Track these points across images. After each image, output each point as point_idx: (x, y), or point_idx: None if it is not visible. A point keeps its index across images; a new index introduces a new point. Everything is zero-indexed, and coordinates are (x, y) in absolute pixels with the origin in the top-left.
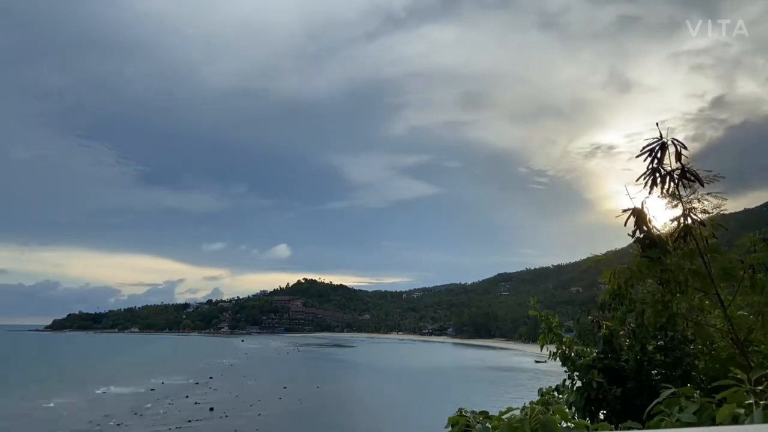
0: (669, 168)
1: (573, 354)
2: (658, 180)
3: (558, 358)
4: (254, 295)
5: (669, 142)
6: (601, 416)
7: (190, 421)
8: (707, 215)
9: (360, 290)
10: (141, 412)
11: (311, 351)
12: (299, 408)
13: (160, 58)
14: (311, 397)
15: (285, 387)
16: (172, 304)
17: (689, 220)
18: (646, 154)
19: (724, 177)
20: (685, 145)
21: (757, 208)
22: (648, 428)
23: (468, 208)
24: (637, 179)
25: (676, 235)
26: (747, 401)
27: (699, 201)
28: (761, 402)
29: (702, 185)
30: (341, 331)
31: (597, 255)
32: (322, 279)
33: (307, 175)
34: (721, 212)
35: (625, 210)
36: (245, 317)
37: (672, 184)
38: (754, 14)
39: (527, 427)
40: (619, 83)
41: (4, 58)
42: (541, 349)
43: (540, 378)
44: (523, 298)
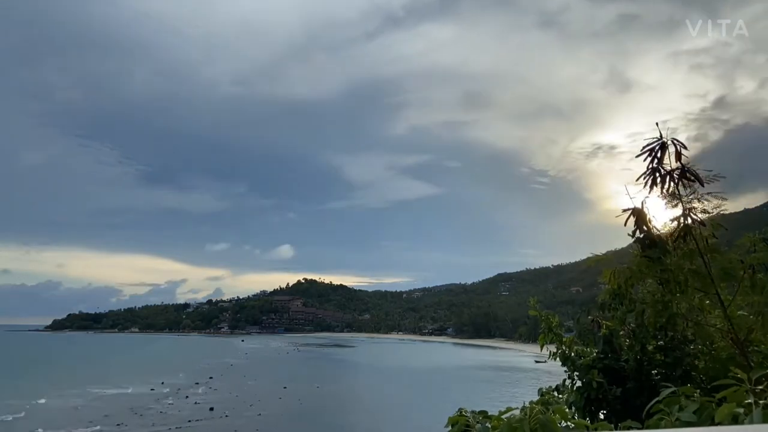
0: (669, 168)
1: (573, 354)
2: (658, 180)
3: (558, 358)
4: (254, 295)
5: (669, 142)
6: (601, 416)
7: (190, 421)
8: (707, 215)
9: (360, 290)
10: (141, 412)
11: (311, 351)
12: (299, 408)
13: (160, 58)
14: (311, 397)
15: (285, 387)
16: (172, 304)
17: (689, 220)
18: (646, 154)
19: (725, 177)
20: (686, 145)
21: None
22: (647, 428)
23: (468, 208)
24: (637, 179)
25: (676, 235)
26: (747, 401)
27: (699, 201)
28: (761, 402)
29: (702, 185)
30: (341, 331)
31: (597, 255)
32: (322, 279)
33: (308, 175)
34: (721, 212)
35: (625, 210)
36: (245, 317)
37: (672, 183)
38: (754, 14)
39: (527, 426)
40: (619, 82)
41: (6, 58)
42: (541, 349)
43: (540, 378)
44: (523, 298)
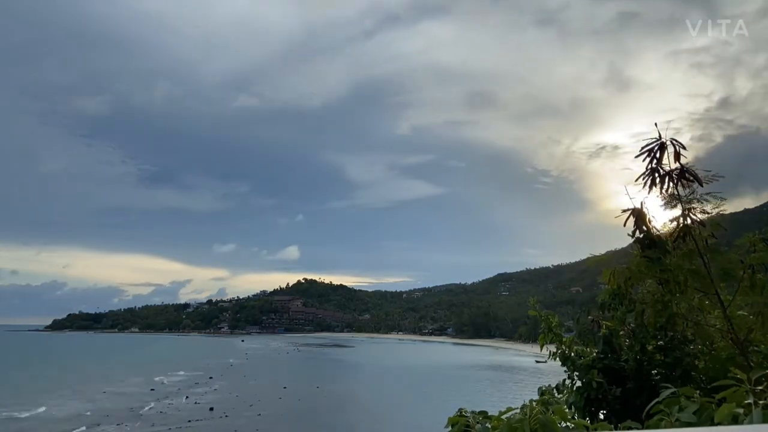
0: (668, 168)
1: (573, 354)
2: (657, 180)
3: (558, 358)
4: (254, 295)
5: (668, 143)
6: (601, 416)
7: (190, 421)
8: (706, 215)
9: (360, 290)
10: (141, 412)
11: (311, 351)
12: (299, 408)
13: (160, 57)
14: (311, 397)
15: (285, 387)
16: (172, 304)
17: (688, 221)
18: (645, 154)
19: (723, 177)
20: (690, 145)
21: (757, 208)
22: (647, 428)
23: (468, 208)
24: (636, 179)
25: (675, 235)
26: (746, 401)
27: (698, 201)
28: (761, 402)
29: (701, 185)
30: (341, 331)
31: (597, 255)
32: (322, 279)
33: (308, 175)
34: (721, 212)
35: (624, 210)
36: (245, 317)
37: (671, 184)
38: (754, 13)
39: (527, 426)
40: (620, 81)
41: (7, 57)
42: (541, 349)
43: (540, 378)
44: (523, 298)
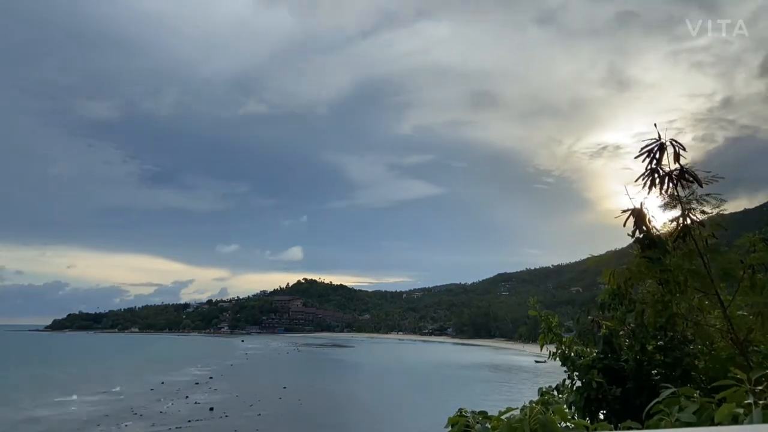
0: (668, 168)
1: (573, 354)
2: (657, 181)
3: (558, 358)
4: (254, 295)
5: (668, 143)
6: (601, 416)
7: (190, 421)
8: (706, 215)
9: (360, 290)
10: (141, 412)
11: (311, 351)
12: (299, 408)
13: (160, 57)
14: (311, 397)
15: (285, 387)
16: (172, 304)
17: (688, 221)
18: (645, 155)
19: (723, 178)
20: (692, 146)
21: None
22: (647, 428)
23: (468, 208)
24: (636, 180)
25: (675, 235)
26: (746, 401)
27: (698, 202)
28: (761, 402)
29: (701, 186)
30: (341, 331)
31: (597, 256)
32: (322, 279)
33: (309, 175)
34: (721, 212)
35: (624, 210)
36: (245, 317)
37: (671, 184)
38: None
39: (527, 427)
40: (621, 81)
41: (8, 57)
42: (541, 349)
43: (540, 377)
44: (523, 298)
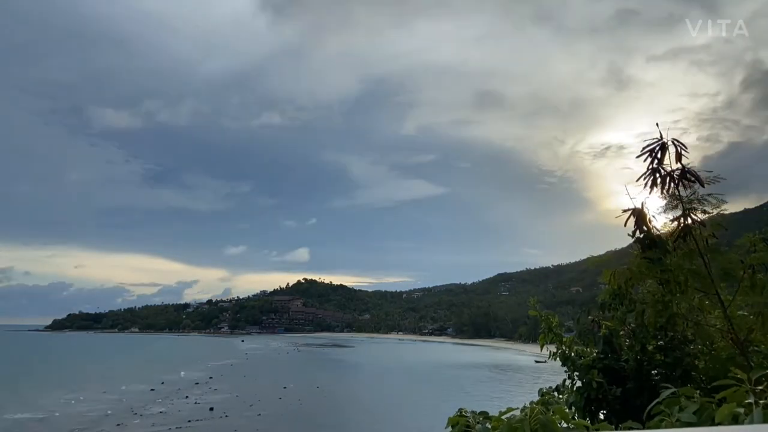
0: (669, 168)
1: (573, 354)
2: (658, 180)
3: (558, 358)
4: (254, 295)
5: (669, 143)
6: (601, 416)
7: (190, 421)
8: (707, 215)
9: (360, 290)
10: (141, 412)
11: (311, 351)
12: (299, 408)
13: (160, 56)
14: (311, 397)
15: (285, 387)
16: (172, 304)
17: (689, 220)
18: (647, 155)
19: (725, 179)
20: (695, 145)
21: (756, 208)
22: (648, 428)
23: (468, 208)
24: (638, 179)
25: (676, 235)
26: (747, 401)
27: (699, 202)
28: (761, 402)
29: (702, 186)
30: (341, 331)
31: (597, 256)
32: (322, 279)
33: (310, 175)
34: (721, 212)
35: (625, 210)
36: (245, 317)
37: (672, 184)
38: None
39: (527, 427)
40: (624, 81)
41: (10, 56)
42: (541, 349)
43: (540, 377)
44: (523, 298)
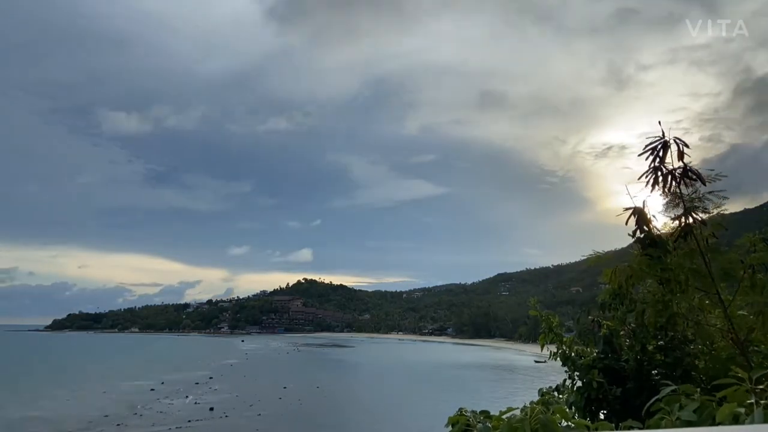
0: (671, 167)
1: (573, 354)
2: (660, 179)
3: (558, 358)
4: (254, 295)
5: (671, 141)
6: (601, 416)
7: (190, 421)
8: (707, 215)
9: (360, 290)
10: (141, 412)
11: (311, 351)
12: (299, 408)
13: (160, 55)
14: (311, 397)
15: (285, 387)
16: (172, 304)
17: (690, 219)
18: (648, 153)
19: (726, 176)
20: (697, 145)
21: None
22: (648, 427)
23: (469, 208)
24: (639, 178)
25: (676, 234)
26: (747, 401)
27: (700, 200)
28: (762, 401)
29: (704, 184)
30: (341, 331)
31: (597, 254)
32: (322, 279)
33: (310, 175)
34: (721, 212)
35: (626, 209)
36: (245, 317)
37: (673, 183)
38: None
39: (527, 426)
40: (624, 80)
41: (11, 56)
42: (542, 349)
43: (540, 378)
44: (523, 298)
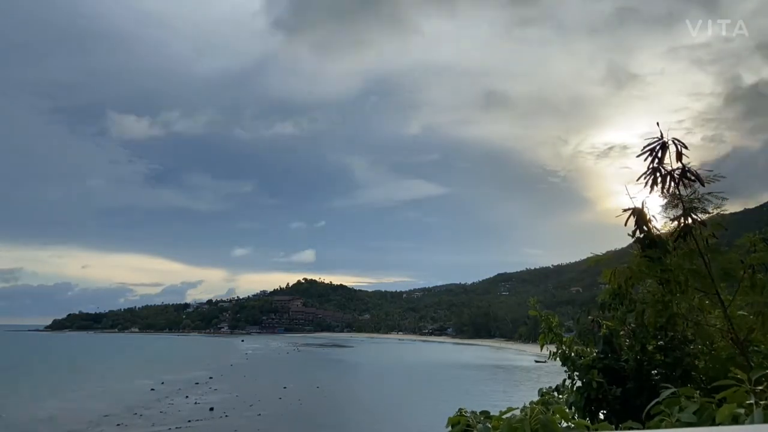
0: (670, 167)
1: (573, 354)
2: (659, 180)
3: (558, 358)
4: (254, 295)
5: (670, 142)
6: (601, 416)
7: (190, 421)
8: (707, 215)
9: (360, 290)
10: (141, 412)
11: (311, 351)
12: (299, 408)
13: (160, 55)
14: (311, 397)
15: (285, 387)
16: (172, 304)
17: (689, 220)
18: (647, 154)
19: (725, 177)
20: (697, 145)
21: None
22: (648, 428)
23: (469, 208)
24: (638, 178)
25: (676, 235)
26: (747, 401)
27: (699, 201)
28: (761, 402)
29: (702, 185)
30: (341, 331)
31: (597, 255)
32: (322, 279)
33: (311, 175)
34: (721, 212)
35: (625, 210)
36: (245, 317)
37: (672, 183)
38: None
39: (527, 427)
40: (624, 80)
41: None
42: (541, 349)
43: (540, 378)
44: (523, 298)
